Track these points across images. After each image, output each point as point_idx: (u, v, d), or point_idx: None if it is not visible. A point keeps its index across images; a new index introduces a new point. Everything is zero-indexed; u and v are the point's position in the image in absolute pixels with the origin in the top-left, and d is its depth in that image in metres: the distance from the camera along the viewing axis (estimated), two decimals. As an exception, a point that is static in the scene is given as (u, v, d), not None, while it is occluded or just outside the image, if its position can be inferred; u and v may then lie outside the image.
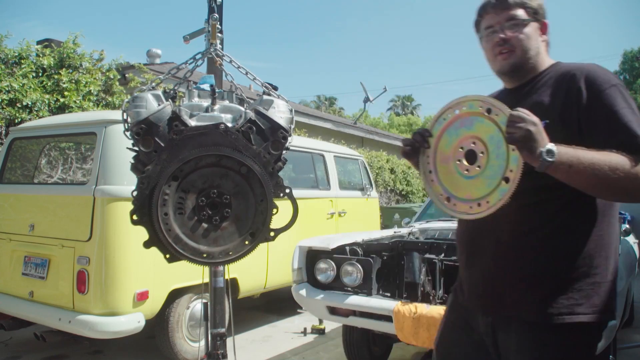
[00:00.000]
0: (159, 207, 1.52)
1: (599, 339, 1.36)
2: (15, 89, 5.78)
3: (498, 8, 1.40)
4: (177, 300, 3.68)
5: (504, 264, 1.36)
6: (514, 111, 1.19)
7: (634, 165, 1.19)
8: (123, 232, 3.24)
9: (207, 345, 2.04)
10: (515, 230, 1.34)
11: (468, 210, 1.29)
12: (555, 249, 1.32)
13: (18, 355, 4.01)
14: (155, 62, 10.55)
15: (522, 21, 1.38)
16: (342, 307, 3.05)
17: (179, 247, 1.55)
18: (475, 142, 1.29)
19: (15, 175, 4.53)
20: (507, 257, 1.36)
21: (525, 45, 1.39)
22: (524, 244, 1.34)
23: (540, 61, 1.43)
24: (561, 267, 1.31)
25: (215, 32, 1.90)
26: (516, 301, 1.34)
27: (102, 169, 3.33)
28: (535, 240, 1.33)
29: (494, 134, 1.25)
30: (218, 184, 1.57)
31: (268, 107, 1.71)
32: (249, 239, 1.61)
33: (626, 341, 4.29)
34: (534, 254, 1.33)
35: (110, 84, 6.91)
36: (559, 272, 1.31)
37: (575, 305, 1.29)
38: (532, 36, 1.40)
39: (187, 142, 1.56)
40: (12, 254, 3.73)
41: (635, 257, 4.16)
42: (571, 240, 1.32)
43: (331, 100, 37.23)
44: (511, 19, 1.39)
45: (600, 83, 1.29)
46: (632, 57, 29.28)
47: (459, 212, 1.31)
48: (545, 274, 1.32)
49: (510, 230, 1.35)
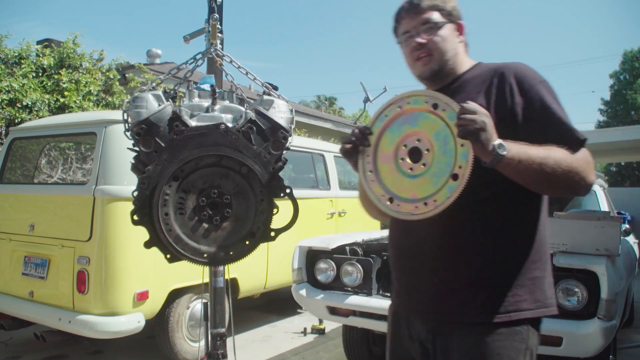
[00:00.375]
0: (160, 207, 1.52)
1: (539, 331, 1.36)
2: (15, 89, 5.79)
3: (412, 12, 1.40)
4: (177, 300, 3.68)
5: (446, 268, 1.33)
6: (466, 104, 1.16)
7: (574, 159, 1.21)
8: (123, 232, 3.24)
9: (207, 345, 2.04)
10: (455, 231, 1.31)
11: (413, 210, 1.21)
12: (498, 248, 1.30)
13: (18, 355, 4.01)
14: (155, 62, 10.55)
15: (436, 24, 1.38)
16: (342, 307, 3.05)
17: (180, 247, 1.55)
18: (420, 139, 1.24)
19: (15, 175, 4.52)
20: (449, 260, 1.33)
21: (442, 47, 1.38)
22: (465, 246, 1.31)
23: (460, 62, 1.43)
24: (506, 266, 1.31)
25: (215, 32, 1.90)
26: (460, 305, 1.31)
27: (102, 169, 3.33)
28: (477, 241, 1.30)
29: (441, 130, 1.21)
30: (218, 184, 1.57)
31: (268, 107, 1.72)
32: (250, 239, 1.61)
33: (626, 341, 4.29)
34: (478, 256, 1.30)
35: (110, 84, 6.91)
36: (504, 271, 1.30)
37: (520, 301, 1.29)
38: (448, 38, 1.39)
39: (187, 142, 1.56)
40: (12, 254, 3.73)
41: (635, 257, 4.16)
42: (514, 238, 1.31)
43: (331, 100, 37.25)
44: (426, 23, 1.38)
45: (530, 80, 1.30)
46: (632, 57, 29.22)
47: (403, 212, 1.24)
48: (490, 275, 1.30)
49: (450, 232, 1.31)
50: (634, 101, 28.18)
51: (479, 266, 1.30)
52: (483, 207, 1.30)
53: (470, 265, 1.31)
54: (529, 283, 1.31)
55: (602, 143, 13.58)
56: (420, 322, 1.40)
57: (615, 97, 29.88)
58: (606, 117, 30.30)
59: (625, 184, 27.04)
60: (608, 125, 28.11)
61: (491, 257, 1.30)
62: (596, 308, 2.50)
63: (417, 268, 1.39)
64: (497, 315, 1.28)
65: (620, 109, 29.51)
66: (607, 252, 2.68)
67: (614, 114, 29.70)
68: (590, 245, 2.70)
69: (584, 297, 2.55)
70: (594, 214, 3.15)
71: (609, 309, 2.48)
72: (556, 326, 2.49)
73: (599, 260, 2.59)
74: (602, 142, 13.51)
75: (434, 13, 1.38)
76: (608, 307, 2.47)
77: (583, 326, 2.47)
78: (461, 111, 1.15)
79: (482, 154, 1.14)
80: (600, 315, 2.47)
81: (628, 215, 7.97)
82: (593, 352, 2.49)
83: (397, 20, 1.44)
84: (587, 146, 1.28)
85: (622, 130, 13.40)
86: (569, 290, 2.58)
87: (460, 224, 1.30)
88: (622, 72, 29.84)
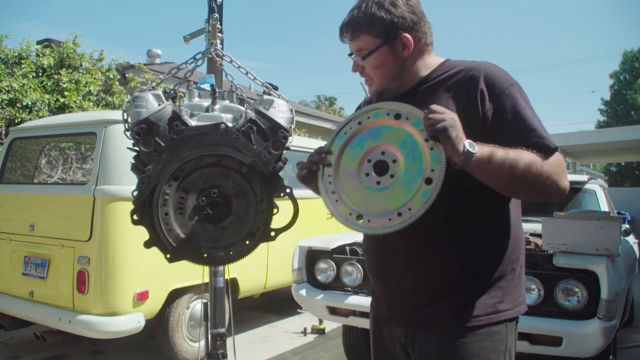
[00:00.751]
0: (160, 207, 1.51)
1: (516, 329, 1.35)
2: (15, 89, 5.79)
3: (346, 39, 1.34)
4: (177, 300, 3.68)
5: (421, 275, 1.29)
6: (432, 106, 1.14)
7: (545, 163, 1.18)
8: (123, 232, 3.24)
9: (207, 345, 2.04)
10: (429, 238, 1.26)
11: (387, 223, 1.16)
12: (474, 253, 1.27)
13: (18, 355, 4.00)
14: (155, 62, 10.56)
15: (367, 54, 1.30)
16: (342, 307, 3.05)
17: (180, 247, 1.55)
18: (385, 151, 1.21)
19: (15, 175, 4.52)
20: (423, 267, 1.29)
21: (379, 74, 1.32)
22: (440, 252, 1.28)
23: (417, 69, 1.34)
24: (483, 270, 1.28)
25: (215, 32, 1.90)
26: (438, 313, 1.28)
27: (102, 169, 3.33)
28: (453, 246, 1.27)
29: (406, 139, 1.19)
30: (218, 184, 1.57)
31: (268, 107, 1.71)
32: (250, 239, 1.61)
33: (626, 341, 4.29)
34: (454, 261, 1.27)
35: (110, 84, 6.91)
36: (482, 275, 1.28)
37: (499, 303, 1.27)
38: (384, 63, 1.30)
39: (187, 142, 1.56)
40: (12, 254, 3.73)
41: (635, 257, 4.16)
42: (489, 242, 1.29)
43: (331, 100, 37.23)
44: (359, 51, 1.32)
45: (501, 83, 1.24)
46: (632, 57, 29.22)
47: (376, 228, 1.18)
48: (468, 280, 1.27)
49: (425, 237, 1.26)
50: (634, 101, 28.19)
51: (455, 272, 1.27)
52: (456, 212, 1.26)
53: (446, 272, 1.28)
54: (506, 284, 1.29)
55: (602, 143, 13.62)
56: (398, 327, 1.38)
57: (615, 97, 29.89)
58: (606, 117, 30.31)
59: (625, 184, 27.06)
60: (608, 125, 28.10)
61: (471, 261, 1.27)
62: (596, 308, 2.50)
63: (393, 276, 1.36)
64: (476, 318, 1.26)
65: (620, 109, 29.52)
66: (607, 252, 2.68)
67: (614, 114, 29.71)
68: (590, 245, 2.70)
69: (584, 297, 2.55)
70: (594, 214, 3.15)
71: (609, 309, 2.47)
72: (556, 326, 2.50)
73: (599, 260, 2.59)
74: (602, 142, 13.53)
75: (364, 37, 1.30)
76: (608, 307, 2.47)
77: (583, 326, 2.47)
78: (428, 112, 1.13)
79: (453, 152, 1.11)
80: (600, 315, 2.47)
81: (628, 215, 7.96)
82: (593, 352, 2.50)
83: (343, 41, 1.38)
84: (561, 151, 1.26)
85: (622, 130, 13.45)
86: (569, 290, 2.58)
87: (434, 230, 1.25)
88: (622, 72, 29.84)
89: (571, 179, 5.09)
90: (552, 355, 2.60)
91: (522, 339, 2.53)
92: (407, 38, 1.30)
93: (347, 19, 1.33)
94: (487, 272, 1.28)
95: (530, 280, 2.63)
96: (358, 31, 1.30)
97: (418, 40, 1.32)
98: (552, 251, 2.74)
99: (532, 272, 2.66)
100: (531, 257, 2.79)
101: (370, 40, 1.29)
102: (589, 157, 17.16)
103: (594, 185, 4.38)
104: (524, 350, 2.60)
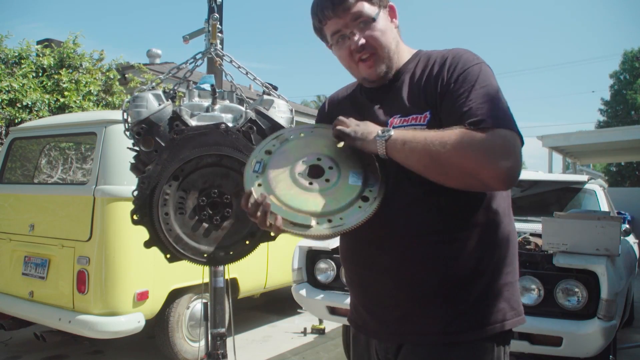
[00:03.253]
0: (160, 207, 1.52)
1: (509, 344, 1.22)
2: (15, 89, 5.79)
3: (339, 10, 1.19)
4: (177, 300, 3.68)
5: (407, 283, 1.17)
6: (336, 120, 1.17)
7: (471, 138, 1.03)
8: (123, 232, 3.24)
9: (207, 345, 2.04)
10: (412, 235, 1.15)
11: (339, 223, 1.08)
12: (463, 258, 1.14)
13: (18, 355, 4.00)
14: (155, 62, 10.56)
15: (371, 18, 1.19)
16: (342, 307, 3.04)
17: (180, 247, 1.55)
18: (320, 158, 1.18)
19: (15, 175, 4.52)
20: (405, 269, 1.16)
21: (384, 42, 1.21)
22: (426, 258, 1.15)
23: (400, 51, 1.26)
24: (470, 278, 1.14)
25: (215, 32, 1.90)
26: (424, 325, 1.16)
27: (102, 169, 3.33)
28: (441, 245, 1.14)
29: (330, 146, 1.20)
30: (219, 184, 1.57)
31: (268, 107, 1.72)
32: (250, 239, 1.61)
33: (626, 341, 4.29)
34: (433, 271, 1.14)
35: (110, 84, 6.92)
36: (468, 284, 1.15)
37: (490, 314, 1.14)
38: (387, 29, 1.22)
39: (187, 141, 1.56)
40: (12, 254, 3.73)
41: (635, 257, 4.16)
42: (476, 247, 1.15)
43: (331, 101, 37.30)
44: (358, 18, 1.19)
45: (465, 62, 1.15)
46: (632, 57, 29.20)
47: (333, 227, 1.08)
48: (452, 290, 1.14)
49: (406, 236, 1.16)
50: (634, 101, 28.17)
51: (437, 282, 1.15)
52: (443, 206, 1.14)
53: (428, 281, 1.15)
54: (497, 293, 1.16)
55: (602, 143, 13.60)
56: (378, 342, 1.26)
57: (615, 97, 29.87)
58: (606, 117, 30.29)
59: (625, 184, 27.05)
60: (608, 125, 28.09)
61: (450, 270, 1.14)
62: (596, 308, 2.50)
63: (373, 284, 1.23)
64: (463, 334, 1.14)
65: (620, 109, 29.50)
66: (607, 252, 2.68)
67: (614, 114, 29.69)
68: (590, 245, 2.70)
69: (584, 297, 2.55)
70: (594, 214, 3.15)
71: (609, 309, 2.48)
72: (556, 326, 2.50)
73: (599, 260, 2.59)
74: (602, 142, 13.51)
75: (364, 4, 1.19)
76: (608, 307, 2.47)
77: (583, 326, 2.47)
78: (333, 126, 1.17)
79: (368, 146, 1.11)
80: (600, 315, 2.47)
81: (628, 215, 7.97)
82: (593, 352, 2.50)
83: (321, 20, 1.23)
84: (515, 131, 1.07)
85: (622, 130, 13.44)
86: (569, 290, 2.58)
87: (419, 225, 1.15)
88: (622, 72, 29.82)
89: (571, 179, 5.10)
90: (552, 355, 2.60)
91: (522, 339, 2.53)
92: (394, 8, 1.26)
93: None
94: (473, 280, 1.15)
95: (530, 280, 2.63)
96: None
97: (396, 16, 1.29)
98: (552, 251, 2.74)
99: (532, 272, 2.66)
100: (531, 257, 2.79)
101: (367, 6, 1.19)
102: (589, 157, 17.14)
103: (594, 185, 4.38)
104: (524, 350, 2.60)
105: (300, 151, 1.21)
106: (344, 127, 1.15)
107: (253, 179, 1.17)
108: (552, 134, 13.34)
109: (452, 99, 1.12)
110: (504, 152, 1.03)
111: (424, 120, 1.15)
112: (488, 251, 1.17)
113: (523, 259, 2.66)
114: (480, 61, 1.16)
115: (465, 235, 1.15)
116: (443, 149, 1.03)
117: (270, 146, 1.24)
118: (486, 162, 1.02)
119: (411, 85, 1.21)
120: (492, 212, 1.18)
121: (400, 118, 1.19)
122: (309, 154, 1.19)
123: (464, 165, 1.03)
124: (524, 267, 2.70)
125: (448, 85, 1.14)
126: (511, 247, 1.21)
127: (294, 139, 1.25)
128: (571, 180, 4.67)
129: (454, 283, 1.15)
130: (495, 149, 1.03)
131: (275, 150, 1.22)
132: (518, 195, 4.12)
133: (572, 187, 4.42)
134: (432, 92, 1.17)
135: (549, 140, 13.08)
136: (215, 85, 1.84)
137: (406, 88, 1.22)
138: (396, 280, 1.18)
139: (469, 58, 1.17)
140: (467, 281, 1.15)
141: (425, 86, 1.19)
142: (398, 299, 1.19)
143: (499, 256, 1.18)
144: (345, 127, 1.15)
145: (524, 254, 2.79)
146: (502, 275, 1.18)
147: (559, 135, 13.38)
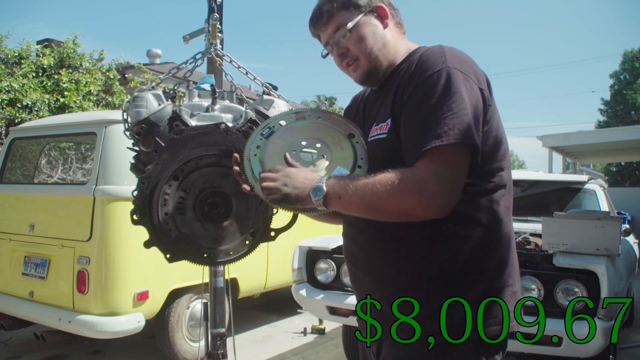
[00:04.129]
0: (160, 207, 1.52)
1: None
2: (15, 89, 5.79)
3: (319, 25, 1.27)
4: (177, 300, 3.68)
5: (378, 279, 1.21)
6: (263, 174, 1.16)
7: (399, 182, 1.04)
8: (123, 232, 3.24)
9: (207, 345, 2.04)
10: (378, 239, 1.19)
11: None
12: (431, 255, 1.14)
13: (18, 355, 4.00)
14: (155, 62, 10.57)
15: (348, 29, 1.22)
16: (342, 307, 3.05)
17: (180, 247, 1.55)
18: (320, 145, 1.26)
19: (15, 175, 4.52)
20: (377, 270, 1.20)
21: (363, 48, 1.23)
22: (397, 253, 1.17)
23: (393, 51, 1.26)
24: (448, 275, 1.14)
25: (215, 32, 1.90)
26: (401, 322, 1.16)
27: (102, 169, 3.33)
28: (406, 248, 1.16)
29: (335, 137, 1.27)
30: (219, 184, 1.57)
31: (268, 107, 1.72)
32: (250, 239, 1.61)
33: (626, 341, 4.29)
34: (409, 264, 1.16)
35: (110, 84, 6.92)
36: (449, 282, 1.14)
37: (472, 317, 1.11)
38: (367, 34, 1.23)
39: (187, 141, 1.56)
40: (12, 254, 3.73)
41: (635, 257, 4.16)
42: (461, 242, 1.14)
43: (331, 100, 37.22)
44: (337, 30, 1.24)
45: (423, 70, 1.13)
46: (632, 57, 29.21)
47: None
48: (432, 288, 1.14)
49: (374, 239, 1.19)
50: (634, 101, 28.18)
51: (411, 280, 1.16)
52: None
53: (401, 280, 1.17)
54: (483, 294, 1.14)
55: (602, 143, 13.59)
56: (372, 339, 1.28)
57: (615, 97, 29.88)
58: (606, 117, 30.30)
59: (625, 184, 27.06)
60: (608, 125, 28.10)
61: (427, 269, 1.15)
62: (596, 308, 2.50)
63: (360, 281, 1.29)
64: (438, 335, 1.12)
65: (620, 109, 29.51)
66: (607, 252, 2.68)
67: (614, 114, 29.70)
68: (590, 245, 2.70)
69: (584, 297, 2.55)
70: (594, 214, 3.15)
71: (609, 309, 2.47)
72: (556, 326, 2.49)
73: (599, 260, 2.59)
74: (602, 142, 13.50)
75: (342, 13, 1.23)
76: (608, 307, 2.47)
77: (583, 326, 2.47)
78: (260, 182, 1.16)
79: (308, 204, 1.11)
80: (600, 315, 2.47)
81: (628, 215, 7.97)
82: (593, 352, 2.49)
83: (314, 34, 1.32)
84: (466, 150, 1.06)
85: (622, 130, 13.44)
86: (569, 290, 2.58)
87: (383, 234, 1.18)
88: (622, 72, 29.82)
89: (571, 179, 5.09)
90: (552, 355, 2.60)
91: (522, 339, 2.53)
92: (383, 8, 1.26)
93: (319, 3, 1.28)
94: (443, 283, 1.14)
95: (530, 280, 2.63)
96: (334, 9, 1.24)
97: (392, 15, 1.29)
98: (552, 251, 2.74)
99: (532, 272, 2.66)
100: (531, 257, 2.79)
101: (347, 14, 1.23)
102: (589, 157, 17.14)
103: (594, 185, 4.38)
104: (524, 350, 2.60)
105: (307, 132, 1.29)
106: (269, 182, 1.13)
107: (256, 141, 1.28)
108: (552, 134, 13.34)
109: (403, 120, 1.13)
110: (436, 185, 1.04)
111: (386, 128, 1.18)
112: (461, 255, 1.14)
113: (523, 259, 2.66)
114: (440, 67, 1.11)
115: (430, 241, 1.14)
116: (376, 199, 1.06)
117: (287, 118, 1.34)
118: (419, 203, 1.04)
119: (397, 89, 1.20)
120: (481, 215, 1.15)
121: (375, 126, 1.23)
122: (312, 138, 1.27)
123: (398, 209, 1.07)
124: (524, 267, 2.70)
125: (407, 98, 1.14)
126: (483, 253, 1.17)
127: (309, 119, 1.34)
128: (571, 180, 4.67)
129: (421, 285, 1.15)
130: (427, 188, 1.04)
131: (288, 123, 1.32)
132: (518, 195, 4.12)
133: (572, 187, 4.42)
134: (398, 101, 1.17)
135: (549, 140, 13.08)
136: (215, 85, 1.85)
137: (392, 92, 1.21)
138: (373, 280, 1.23)
139: (430, 65, 1.13)
140: (437, 283, 1.14)
141: (396, 92, 1.19)
142: (376, 298, 1.23)
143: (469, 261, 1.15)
144: (270, 182, 1.13)
145: (524, 254, 2.79)
146: (473, 281, 1.14)
147: (559, 135, 13.38)
